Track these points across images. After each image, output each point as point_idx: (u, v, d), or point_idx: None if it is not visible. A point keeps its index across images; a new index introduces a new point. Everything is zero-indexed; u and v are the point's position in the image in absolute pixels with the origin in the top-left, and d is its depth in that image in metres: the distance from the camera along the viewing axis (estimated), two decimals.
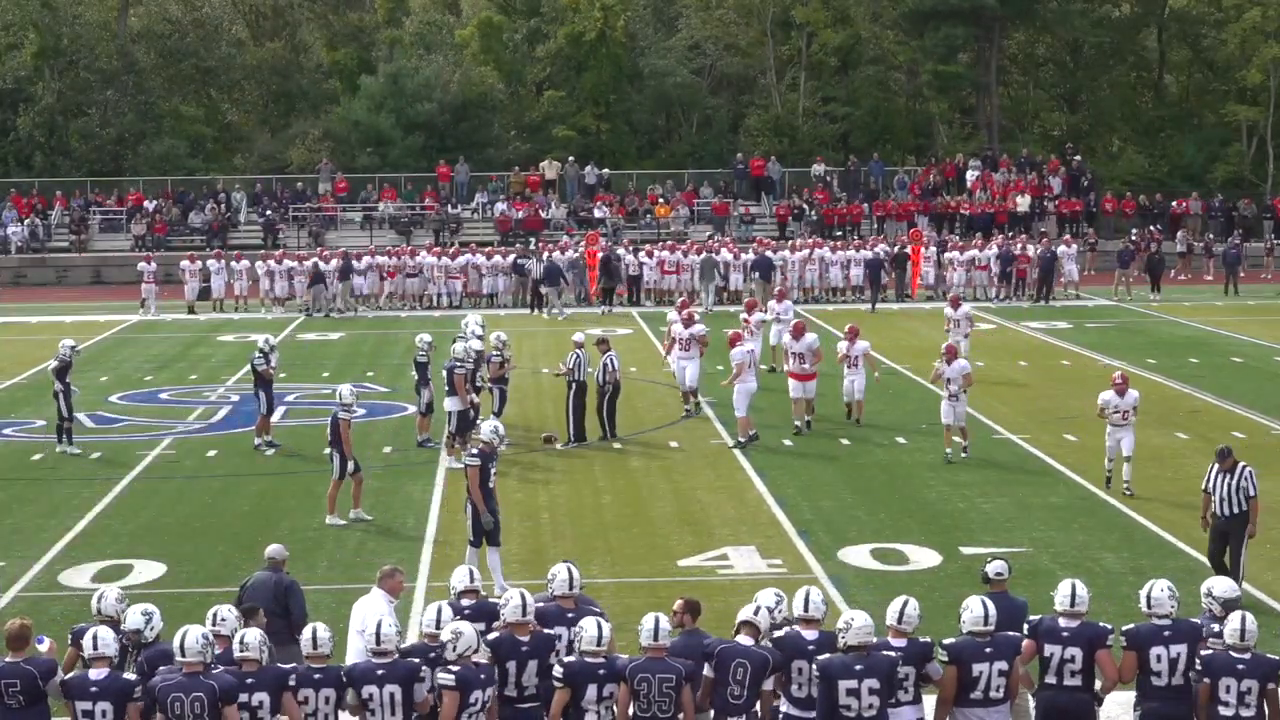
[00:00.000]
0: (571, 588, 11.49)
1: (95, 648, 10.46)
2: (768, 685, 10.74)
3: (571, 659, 10.69)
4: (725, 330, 27.04)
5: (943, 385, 22.84)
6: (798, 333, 25.31)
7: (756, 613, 10.83)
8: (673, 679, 10.50)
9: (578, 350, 24.46)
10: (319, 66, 65.93)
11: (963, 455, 22.73)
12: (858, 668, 10.38)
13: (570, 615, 11.16)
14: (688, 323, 26.53)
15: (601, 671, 10.55)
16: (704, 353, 26.65)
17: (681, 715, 10.60)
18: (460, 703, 10.41)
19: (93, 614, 11.38)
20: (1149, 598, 11.02)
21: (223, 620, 10.97)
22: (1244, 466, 16.18)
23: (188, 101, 65.41)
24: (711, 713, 10.75)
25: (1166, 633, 10.84)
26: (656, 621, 10.63)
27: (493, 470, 16.75)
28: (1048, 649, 10.94)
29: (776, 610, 11.05)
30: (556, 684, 10.56)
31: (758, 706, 10.74)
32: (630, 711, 10.60)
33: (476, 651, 10.59)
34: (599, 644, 10.59)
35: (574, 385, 24.33)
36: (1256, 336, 35.95)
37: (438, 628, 10.88)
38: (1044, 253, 43.76)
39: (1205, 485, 16.49)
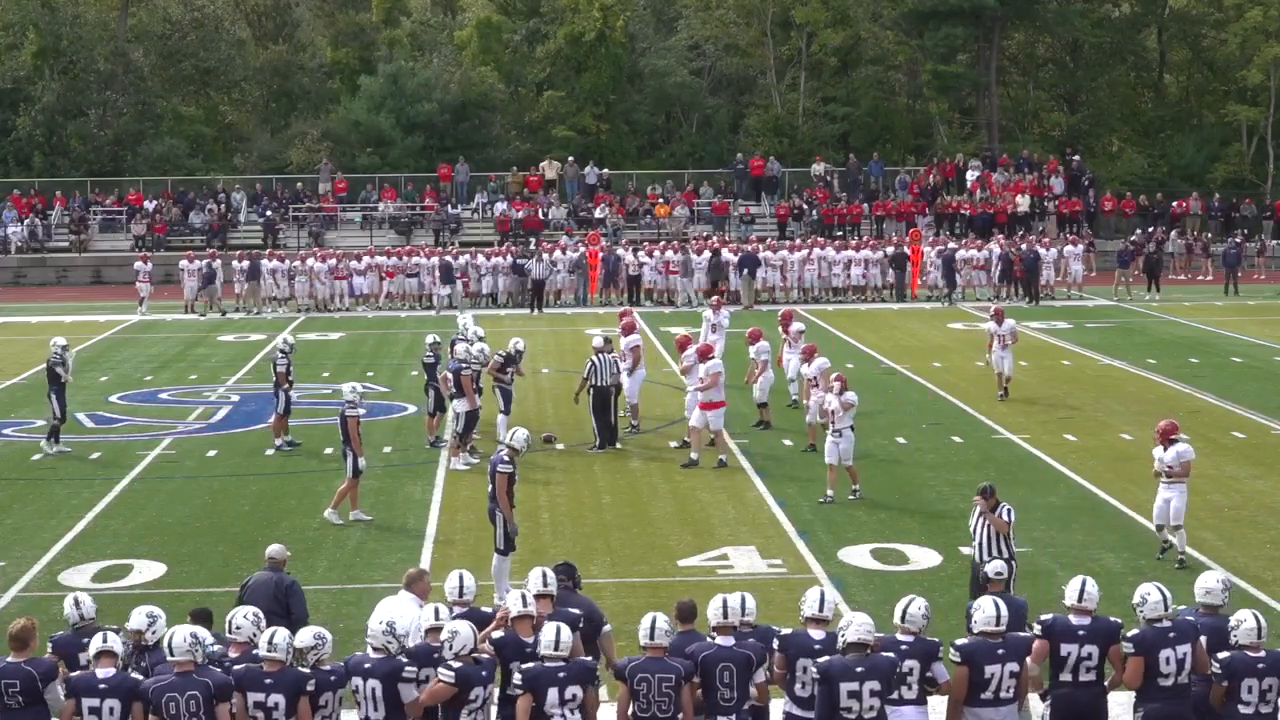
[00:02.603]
0: (545, 588, 11.53)
1: (105, 641, 10.42)
2: (760, 678, 10.74)
3: (531, 665, 10.66)
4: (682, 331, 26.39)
5: (829, 419, 20.55)
6: (702, 355, 23.28)
7: (725, 614, 10.81)
8: (672, 679, 10.51)
9: (595, 355, 24.27)
10: (320, 66, 65.94)
11: (850, 497, 20.49)
12: (859, 669, 10.37)
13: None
14: (626, 332, 25.67)
15: (561, 675, 10.52)
16: (638, 365, 25.24)
17: (681, 715, 10.60)
18: (459, 699, 10.44)
19: (71, 621, 11.31)
20: (1152, 599, 11.00)
21: (238, 628, 10.93)
22: (1006, 508, 14.65)
23: (187, 102, 65.45)
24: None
25: (1171, 634, 10.85)
26: (654, 621, 10.65)
27: (516, 478, 16.75)
28: (1064, 648, 10.92)
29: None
30: (516, 690, 10.52)
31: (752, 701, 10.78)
32: (630, 711, 10.61)
33: (474, 651, 10.60)
34: (557, 649, 10.56)
35: (593, 390, 24.17)
36: (1256, 336, 35.95)
37: (461, 595, 11.17)
38: (1028, 253, 43.78)
39: (972, 528, 14.87)
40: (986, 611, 10.84)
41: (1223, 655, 10.72)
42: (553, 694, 10.49)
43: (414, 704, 10.54)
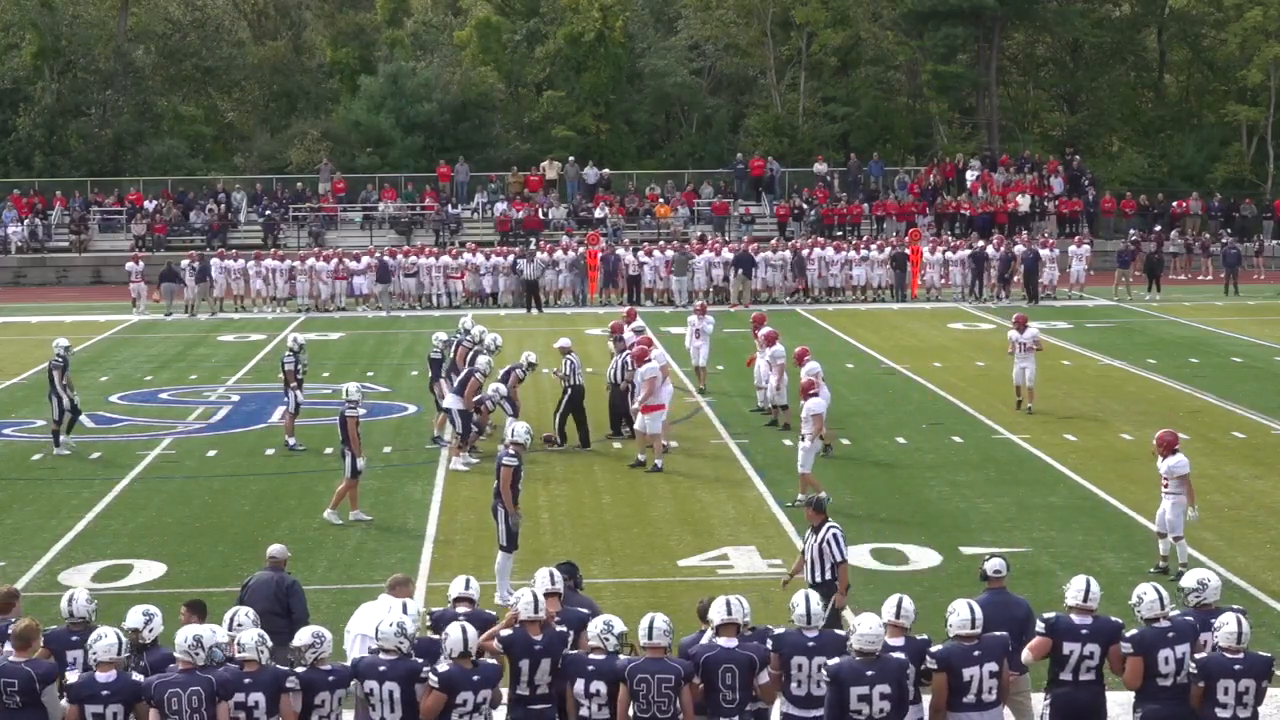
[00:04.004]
0: (553, 587, 11.54)
1: (105, 653, 10.39)
2: (763, 679, 10.74)
3: (571, 653, 10.75)
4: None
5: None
6: (638, 359, 23.14)
7: (729, 612, 10.78)
8: (671, 679, 10.49)
9: (570, 355, 24.31)
10: (320, 66, 65.96)
11: (793, 504, 19.99)
12: (869, 673, 10.35)
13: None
14: (615, 333, 25.73)
15: (590, 668, 10.58)
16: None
17: (681, 715, 10.60)
18: (446, 703, 10.42)
19: (64, 616, 11.30)
20: (1158, 599, 10.98)
21: (239, 625, 10.94)
22: (829, 527, 13.96)
23: (188, 101, 65.46)
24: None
25: (1170, 634, 10.84)
26: (653, 621, 10.64)
27: (523, 473, 16.73)
28: (1066, 647, 10.91)
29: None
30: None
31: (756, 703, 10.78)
32: (630, 712, 10.61)
33: (466, 655, 10.57)
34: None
35: (570, 390, 24.19)
36: (1256, 336, 35.95)
37: (466, 590, 11.46)
38: (1027, 253, 43.77)
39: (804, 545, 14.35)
40: (961, 615, 10.78)
41: (1200, 656, 10.73)
42: (580, 685, 10.59)
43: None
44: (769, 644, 10.89)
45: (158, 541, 19.09)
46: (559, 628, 11.12)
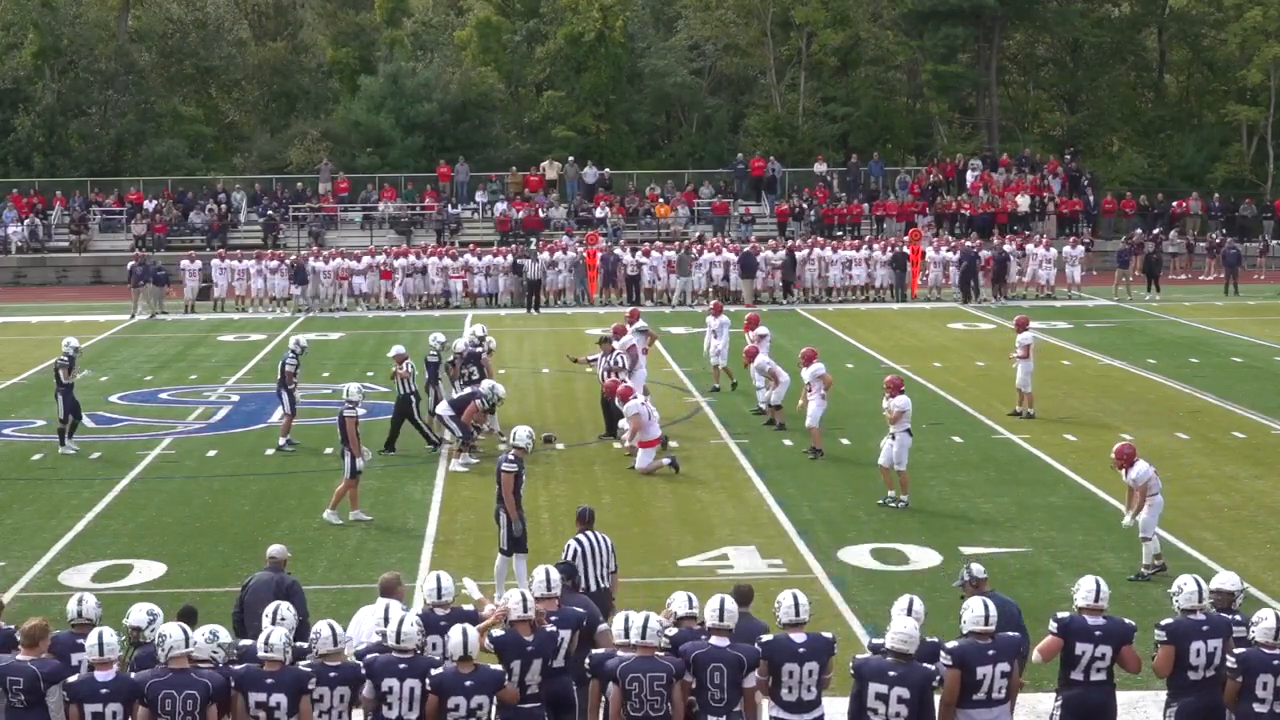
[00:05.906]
0: (549, 589, 11.54)
1: (101, 653, 10.39)
2: (749, 683, 10.76)
3: (599, 651, 10.78)
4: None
5: (889, 421, 20.46)
6: (623, 397, 23.28)
7: (722, 616, 10.80)
8: (663, 677, 10.52)
9: (408, 362, 24.26)
10: (320, 66, 65.98)
11: (894, 505, 20.23)
12: (892, 674, 10.38)
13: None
14: (617, 335, 25.81)
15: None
16: (636, 365, 25.26)
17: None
18: (441, 708, 10.42)
19: (70, 619, 11.27)
20: (1193, 591, 11.05)
21: (281, 619, 10.92)
22: (573, 541, 13.86)
23: (188, 101, 65.46)
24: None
25: (1204, 627, 10.91)
26: (646, 620, 10.66)
27: (524, 476, 16.73)
28: (1079, 647, 10.93)
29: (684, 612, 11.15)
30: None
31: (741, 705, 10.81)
32: (623, 711, 10.63)
33: (466, 658, 10.55)
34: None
35: (406, 397, 24.01)
36: (1256, 336, 35.94)
37: (439, 597, 11.39)
38: (997, 253, 43.77)
39: None
40: (975, 612, 10.82)
41: (1239, 651, 10.78)
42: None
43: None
44: (758, 649, 10.91)
45: (158, 541, 19.10)
46: (549, 628, 11.13)
